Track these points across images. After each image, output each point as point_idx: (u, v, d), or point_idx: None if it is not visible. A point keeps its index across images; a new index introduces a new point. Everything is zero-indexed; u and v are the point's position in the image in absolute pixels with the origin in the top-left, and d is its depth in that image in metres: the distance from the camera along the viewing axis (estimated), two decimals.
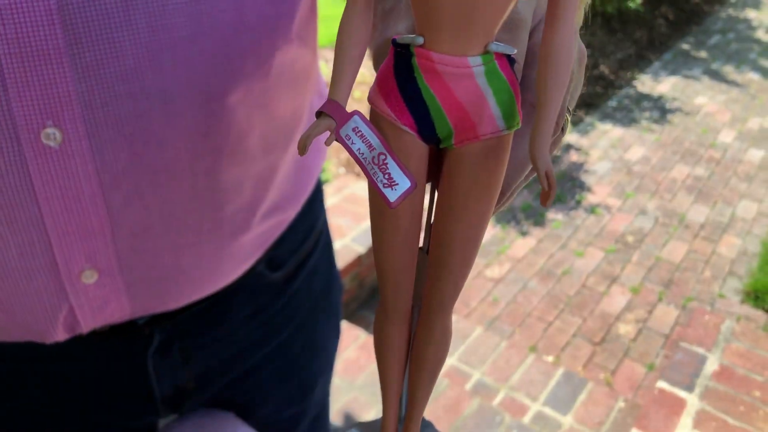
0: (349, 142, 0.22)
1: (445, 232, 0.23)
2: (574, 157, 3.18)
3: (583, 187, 2.93)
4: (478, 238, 0.24)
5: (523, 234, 2.60)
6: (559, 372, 1.87)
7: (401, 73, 0.22)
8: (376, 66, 0.28)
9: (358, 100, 3.04)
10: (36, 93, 0.34)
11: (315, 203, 0.64)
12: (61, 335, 0.45)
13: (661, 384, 1.59)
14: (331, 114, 0.21)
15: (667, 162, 3.16)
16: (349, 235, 2.06)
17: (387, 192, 0.22)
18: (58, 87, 0.35)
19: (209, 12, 0.37)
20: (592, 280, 2.36)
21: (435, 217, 0.24)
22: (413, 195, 0.23)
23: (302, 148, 0.20)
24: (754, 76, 4.18)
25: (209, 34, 0.37)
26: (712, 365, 1.62)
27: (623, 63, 4.21)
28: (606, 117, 3.58)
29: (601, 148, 3.27)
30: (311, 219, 0.63)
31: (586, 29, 4.22)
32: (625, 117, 3.59)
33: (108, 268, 0.42)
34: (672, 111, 3.68)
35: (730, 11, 5.52)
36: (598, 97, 3.77)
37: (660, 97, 3.85)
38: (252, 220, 0.49)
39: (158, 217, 0.42)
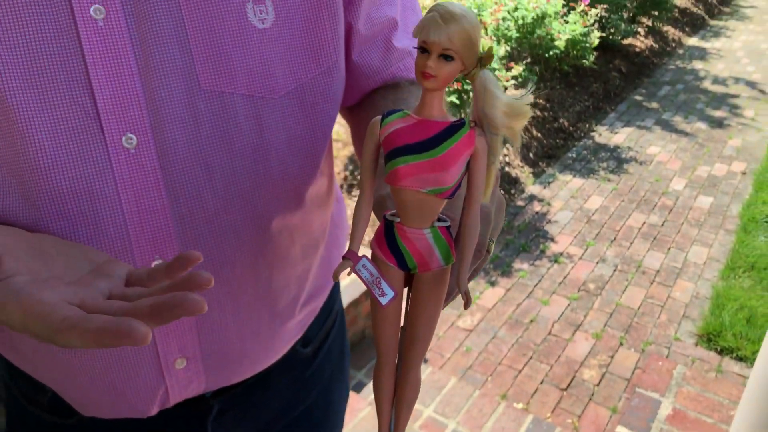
0: (360, 273, 0.40)
1: (414, 319, 0.40)
2: (537, 207, 3.37)
3: (546, 236, 3.11)
4: (434, 323, 0.41)
5: (492, 284, 2.74)
6: (529, 419, 1.99)
7: (388, 235, 0.39)
8: (375, 210, 0.45)
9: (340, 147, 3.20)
10: (148, 235, 0.50)
11: (335, 290, 0.81)
12: (155, 410, 0.59)
13: (621, 429, 1.72)
14: (350, 258, 0.39)
15: (624, 210, 3.37)
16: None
17: (380, 299, 0.39)
18: (162, 232, 0.51)
19: (264, 170, 0.53)
20: (558, 328, 2.50)
21: (408, 310, 0.41)
22: (396, 300, 0.39)
23: (335, 278, 0.39)
24: (701, 126, 4.49)
25: (264, 184, 0.54)
26: (665, 409, 1.77)
27: (581, 115, 4.47)
28: (566, 168, 3.80)
29: (562, 198, 3.47)
30: (331, 303, 0.80)
31: (545, 85, 4.49)
32: (584, 167, 3.82)
33: (194, 356, 0.57)
34: (627, 161, 3.93)
35: (678, 63, 5.91)
36: (559, 149, 4.00)
37: (616, 148, 4.11)
38: (295, 310, 0.66)
39: (231, 317, 0.58)
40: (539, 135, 4.08)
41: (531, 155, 3.85)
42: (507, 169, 3.65)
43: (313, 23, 0.53)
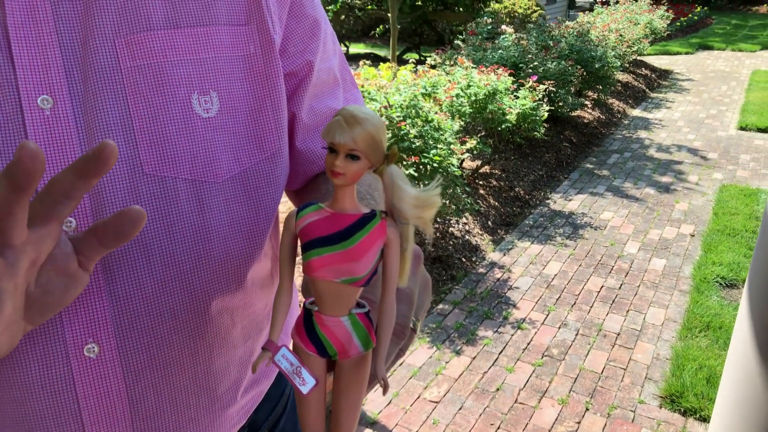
0: (279, 364, 0.40)
1: (338, 404, 0.41)
2: (498, 274, 3.42)
3: (508, 303, 3.14)
4: (358, 407, 0.41)
5: (458, 353, 2.74)
6: None
7: (307, 323, 0.40)
8: (305, 292, 0.46)
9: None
10: (82, 317, 0.50)
11: None
12: None
13: None
14: (269, 348, 0.39)
15: (582, 275, 3.45)
16: None
17: (302, 387, 0.39)
18: (97, 314, 0.50)
19: (205, 252, 0.54)
20: (524, 395, 2.49)
21: (333, 395, 0.42)
22: (318, 387, 0.39)
23: (254, 370, 0.38)
24: (650, 191, 4.69)
25: (205, 266, 0.54)
26: None
27: (536, 184, 4.63)
28: (524, 235, 3.90)
29: (522, 264, 3.53)
30: (281, 386, 0.78)
31: (499, 156, 4.67)
32: (542, 234, 3.92)
33: None
34: (583, 226, 4.06)
35: (624, 132, 6.23)
36: (516, 216, 4.11)
37: (571, 214, 4.24)
38: (237, 395, 0.64)
39: (168, 401, 0.56)
40: (497, 204, 4.20)
41: (489, 223, 3.95)
42: (467, 237, 3.72)
43: (256, 113, 0.56)
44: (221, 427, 0.63)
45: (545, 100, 4.82)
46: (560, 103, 5.39)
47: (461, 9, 9.46)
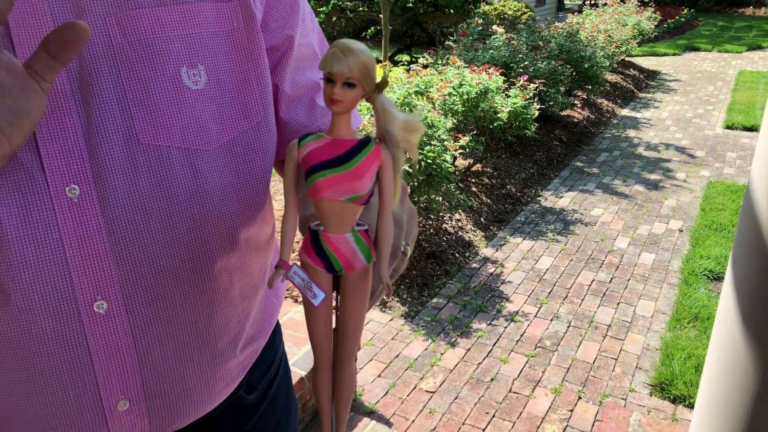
0: (292, 279, 0.45)
1: (344, 317, 0.46)
2: (491, 269, 3.48)
3: (501, 296, 3.20)
4: (362, 318, 0.46)
5: (452, 345, 2.79)
6: None
7: (314, 242, 0.45)
8: (301, 227, 0.50)
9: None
10: (90, 277, 0.54)
11: (276, 336, 0.83)
12: None
13: None
14: (282, 267, 0.44)
15: (573, 269, 3.51)
16: (290, 359, 2.17)
17: (313, 300, 0.44)
18: (104, 274, 0.54)
19: (201, 215, 0.58)
20: (518, 385, 2.55)
21: (339, 309, 0.46)
22: (326, 301, 0.45)
23: (271, 285, 0.43)
24: (639, 188, 4.77)
25: (201, 228, 0.58)
26: None
27: (527, 181, 4.70)
28: (516, 231, 3.96)
29: (514, 259, 3.59)
30: (274, 349, 0.82)
31: (491, 154, 4.72)
32: (533, 230, 3.99)
33: (136, 397, 0.60)
34: (573, 222, 4.12)
35: (614, 131, 6.32)
36: (508, 213, 4.17)
37: (562, 210, 4.31)
38: (236, 350, 0.68)
39: (173, 354, 0.61)
40: (489, 201, 4.26)
41: (482, 220, 4.00)
42: (460, 233, 3.78)
43: (242, 84, 0.60)
44: (222, 379, 0.68)
45: (536, 99, 4.89)
46: (550, 102, 5.46)
47: (452, 11, 9.55)
